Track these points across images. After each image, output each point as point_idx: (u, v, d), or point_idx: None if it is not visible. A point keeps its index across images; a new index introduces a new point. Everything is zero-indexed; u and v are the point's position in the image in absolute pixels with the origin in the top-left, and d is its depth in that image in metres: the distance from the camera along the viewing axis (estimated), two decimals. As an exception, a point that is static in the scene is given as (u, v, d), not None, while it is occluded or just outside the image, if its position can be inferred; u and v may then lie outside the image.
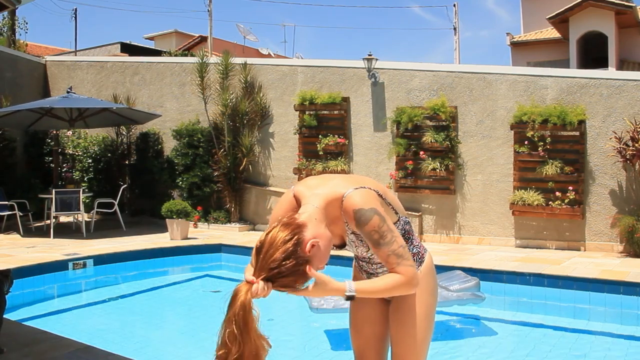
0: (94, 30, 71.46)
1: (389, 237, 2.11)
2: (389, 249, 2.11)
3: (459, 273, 5.81)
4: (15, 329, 4.35)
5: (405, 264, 2.13)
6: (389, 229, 2.12)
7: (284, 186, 11.07)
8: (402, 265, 2.12)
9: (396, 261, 2.11)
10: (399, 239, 2.14)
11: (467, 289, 5.48)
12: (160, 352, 5.02)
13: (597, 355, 4.93)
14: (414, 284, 2.15)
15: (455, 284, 5.49)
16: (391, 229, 2.13)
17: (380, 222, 2.10)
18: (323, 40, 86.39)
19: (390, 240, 2.11)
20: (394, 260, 2.11)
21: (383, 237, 2.10)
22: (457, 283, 5.52)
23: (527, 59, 20.89)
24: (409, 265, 2.14)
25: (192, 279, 8.12)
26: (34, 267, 6.93)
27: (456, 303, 5.46)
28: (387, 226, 2.12)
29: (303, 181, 2.30)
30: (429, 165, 9.61)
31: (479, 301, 5.54)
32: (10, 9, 5.83)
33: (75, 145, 12.28)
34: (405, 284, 2.13)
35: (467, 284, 5.53)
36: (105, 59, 14.59)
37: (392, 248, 2.11)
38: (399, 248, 2.12)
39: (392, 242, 2.11)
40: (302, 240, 2.00)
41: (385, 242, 2.11)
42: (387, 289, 2.13)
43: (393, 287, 2.12)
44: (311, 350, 4.94)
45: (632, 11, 18.76)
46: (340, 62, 10.93)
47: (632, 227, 8.08)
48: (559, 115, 8.73)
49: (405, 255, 2.14)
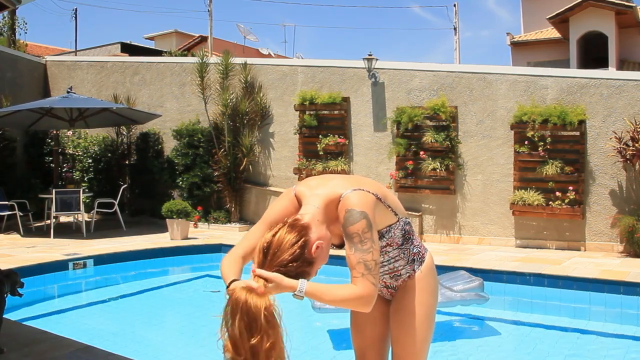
0: (94, 30, 71.45)
1: (368, 246, 2.05)
2: (362, 256, 2.04)
3: (463, 273, 5.78)
4: (16, 329, 4.35)
5: (368, 279, 2.02)
6: (371, 239, 2.06)
7: (284, 186, 11.07)
8: (365, 279, 2.02)
9: (362, 272, 2.03)
10: (375, 253, 2.06)
11: (471, 289, 5.44)
12: (160, 352, 5.02)
13: (598, 355, 4.93)
14: (369, 302, 2.03)
15: (459, 284, 5.45)
16: (374, 239, 2.07)
17: (365, 228, 2.06)
18: (323, 40, 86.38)
19: (367, 249, 2.05)
20: (360, 270, 2.03)
21: (362, 243, 2.05)
22: (461, 283, 5.48)
23: (527, 59, 20.88)
24: (372, 282, 2.03)
25: (192, 279, 8.12)
26: (34, 267, 6.93)
27: (460, 303, 5.44)
28: (371, 235, 2.06)
29: (304, 181, 2.30)
30: (429, 165, 9.61)
31: (483, 301, 5.51)
32: (10, 8, 5.83)
33: (76, 145, 12.28)
34: (359, 299, 2.02)
35: (471, 284, 5.50)
36: (105, 59, 14.59)
37: (365, 257, 2.04)
38: (371, 261, 2.04)
39: (368, 252, 2.05)
40: (309, 242, 2.01)
41: (361, 248, 2.04)
42: (339, 299, 2.02)
43: (347, 298, 2.02)
44: (312, 350, 4.94)
45: (632, 11, 18.75)
46: (340, 62, 10.93)
47: (632, 227, 8.08)
48: (559, 115, 8.73)
49: (374, 271, 2.04)
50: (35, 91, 13.08)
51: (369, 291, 2.02)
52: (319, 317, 5.58)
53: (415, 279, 2.39)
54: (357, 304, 2.04)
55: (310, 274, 2.05)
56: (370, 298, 2.03)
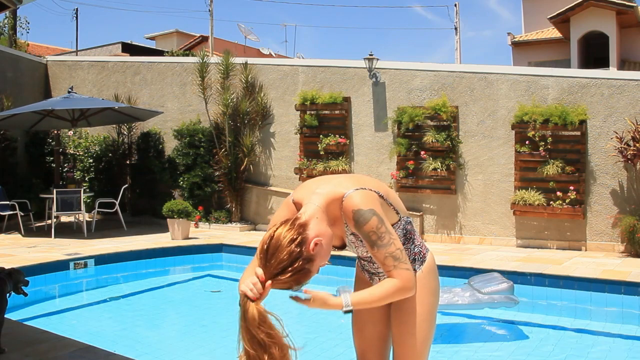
0: (95, 30, 71.52)
1: (387, 239, 2.10)
2: (386, 250, 2.10)
3: (497, 275, 5.68)
4: (17, 329, 4.35)
5: (401, 267, 2.10)
6: (387, 231, 2.11)
7: (285, 186, 11.07)
8: (399, 269, 2.10)
9: (393, 264, 2.10)
10: (396, 242, 2.12)
11: (500, 291, 5.33)
12: (161, 352, 5.02)
13: (598, 355, 4.93)
14: (410, 287, 2.13)
15: (490, 286, 5.38)
16: (389, 231, 2.12)
17: (378, 224, 2.09)
18: (324, 40, 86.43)
19: (388, 242, 2.10)
20: (390, 263, 2.10)
21: (381, 239, 2.09)
22: (491, 285, 5.40)
23: (528, 58, 20.89)
24: (406, 268, 2.11)
25: (193, 279, 8.12)
26: (35, 267, 6.93)
27: (488, 306, 5.37)
28: (385, 228, 2.11)
29: (301, 185, 2.32)
30: (430, 165, 9.61)
31: (512, 305, 5.39)
32: (11, 8, 5.83)
33: (77, 145, 12.28)
34: (402, 288, 2.11)
35: (500, 286, 5.38)
36: (106, 58, 14.59)
37: (390, 250, 2.10)
38: (397, 251, 2.11)
39: (390, 244, 2.10)
40: (306, 239, 2.03)
41: (382, 243, 2.09)
42: (384, 297, 2.12)
43: (390, 294, 2.11)
44: (313, 350, 4.94)
45: (633, 11, 18.74)
46: (341, 62, 10.93)
47: (633, 227, 8.07)
48: (560, 115, 8.73)
49: (403, 258, 2.11)
50: (36, 91, 13.09)
51: (407, 278, 2.11)
52: (318, 317, 5.59)
53: (417, 279, 2.39)
54: (402, 293, 2.13)
55: (312, 271, 2.06)
56: (411, 283, 2.13)
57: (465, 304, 5.30)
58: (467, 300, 5.30)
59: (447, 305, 5.31)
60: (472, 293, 5.33)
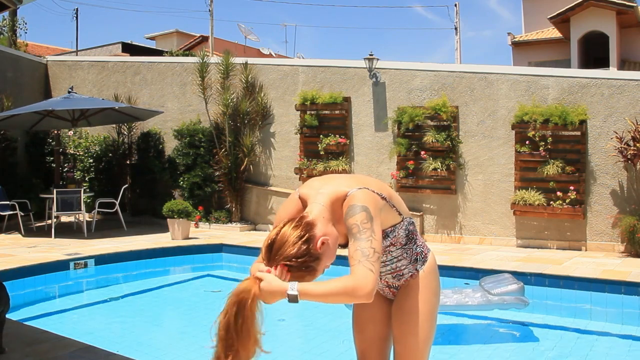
0: (95, 30, 71.53)
1: (367, 235, 2.00)
2: (360, 244, 1.97)
3: (508, 276, 5.66)
4: (17, 329, 4.35)
5: (365, 265, 1.93)
6: (370, 229, 2.02)
7: (285, 186, 11.07)
8: (362, 266, 1.92)
9: (359, 259, 1.94)
10: (375, 243, 2.00)
11: (510, 292, 5.30)
12: (161, 352, 5.02)
13: (598, 355, 4.93)
14: (365, 292, 1.89)
15: (500, 287, 5.35)
16: (374, 230, 2.02)
17: (365, 219, 2.03)
18: (324, 40, 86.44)
19: (365, 238, 1.99)
20: (357, 257, 1.95)
21: (360, 232, 2.01)
22: (502, 286, 5.38)
23: (528, 58, 20.89)
24: (369, 269, 1.92)
25: (193, 279, 8.12)
26: (35, 267, 6.93)
27: (497, 307, 5.35)
28: (371, 226, 2.03)
29: (307, 183, 2.31)
30: (430, 165, 9.61)
31: (523, 306, 5.35)
32: (11, 8, 5.83)
33: (77, 145, 12.28)
34: (353, 289, 1.89)
35: (510, 287, 5.34)
36: (106, 58, 14.59)
37: (363, 245, 1.97)
38: (370, 249, 1.97)
39: (367, 240, 1.99)
40: (314, 237, 2.03)
41: (360, 237, 1.99)
42: (329, 294, 1.91)
43: (336, 292, 1.90)
44: (313, 350, 4.94)
45: (633, 11, 18.75)
46: (341, 62, 10.93)
47: (634, 227, 8.07)
48: (560, 115, 8.73)
49: (372, 259, 1.95)
50: (36, 91, 13.09)
51: (366, 279, 1.90)
52: (319, 317, 5.59)
53: (418, 279, 2.39)
54: (354, 294, 1.90)
55: (317, 270, 2.05)
56: (369, 286, 1.89)
57: (476, 305, 5.30)
58: (477, 301, 5.29)
59: (458, 306, 5.29)
60: (482, 294, 5.32)
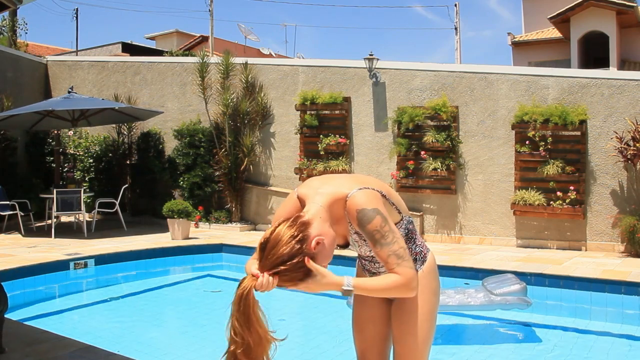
0: (95, 30, 71.54)
1: (390, 238, 2.10)
2: (390, 249, 2.10)
3: (511, 276, 5.66)
4: (17, 329, 4.35)
5: (405, 265, 2.10)
6: (390, 230, 2.11)
7: (285, 186, 11.07)
8: (402, 267, 2.10)
9: (396, 262, 2.10)
10: (400, 241, 2.13)
11: (513, 292, 5.29)
12: (161, 352, 5.02)
13: (598, 355, 4.93)
14: (412, 286, 2.12)
15: (503, 287, 5.35)
16: (393, 229, 2.12)
17: (382, 222, 2.10)
18: (324, 40, 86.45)
19: (392, 241, 2.10)
20: (393, 261, 2.10)
21: (384, 237, 2.10)
22: (504, 286, 5.37)
23: (528, 58, 20.89)
24: (409, 267, 2.11)
25: (193, 279, 8.12)
26: (35, 266, 6.93)
27: (500, 307, 5.35)
28: (389, 227, 2.11)
29: (306, 182, 2.31)
30: (430, 165, 9.61)
31: (525, 306, 5.34)
32: (11, 8, 5.84)
33: (77, 145, 12.28)
34: (404, 285, 2.10)
35: (513, 287, 5.33)
36: (106, 58, 14.59)
37: (393, 249, 2.10)
38: (400, 249, 2.11)
39: (393, 242, 2.10)
40: (308, 237, 2.03)
41: (386, 242, 2.10)
42: (385, 289, 2.12)
43: (391, 287, 2.11)
44: (313, 350, 4.94)
45: (633, 11, 18.75)
46: (341, 62, 10.93)
47: (634, 227, 8.07)
48: (560, 115, 8.73)
49: (406, 257, 2.12)
50: (36, 91, 13.09)
51: (410, 276, 2.10)
52: (319, 316, 5.58)
53: (418, 279, 2.39)
54: (403, 290, 2.12)
55: (312, 272, 2.04)
56: (413, 282, 2.12)
57: (478, 305, 5.29)
58: (480, 302, 5.29)
59: (460, 306, 5.29)
60: (485, 294, 5.31)
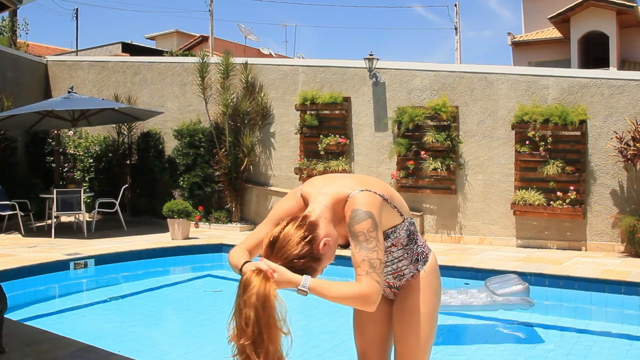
0: (95, 30, 71.53)
1: (373, 245, 2.04)
2: (367, 255, 2.02)
3: (513, 277, 5.66)
4: (17, 329, 4.35)
5: (373, 277, 2.00)
6: (376, 238, 2.06)
7: (285, 186, 11.07)
8: (369, 277, 2.00)
9: (367, 269, 2.01)
10: (380, 252, 2.05)
11: (516, 293, 5.28)
12: (161, 352, 5.02)
13: (598, 355, 4.93)
14: (372, 300, 1.99)
15: (505, 288, 5.34)
16: (379, 239, 2.07)
17: (371, 227, 2.06)
18: (324, 40, 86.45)
19: (372, 248, 2.04)
20: (365, 268, 2.01)
21: (367, 242, 2.04)
22: (507, 286, 5.36)
23: (528, 58, 20.89)
24: (376, 280, 2.00)
25: (193, 279, 8.12)
26: (35, 266, 6.93)
27: (503, 307, 5.34)
28: (377, 234, 2.06)
29: (309, 181, 2.31)
30: (430, 165, 9.61)
31: (528, 306, 5.33)
32: (11, 8, 5.83)
33: (77, 145, 12.28)
34: (363, 296, 1.98)
35: (515, 287, 5.32)
36: (106, 58, 14.59)
37: (370, 256, 2.02)
38: (376, 260, 2.02)
39: (374, 250, 2.03)
40: (317, 238, 2.02)
41: (367, 246, 2.03)
42: (342, 297, 1.99)
43: (349, 296, 1.99)
44: (313, 350, 4.94)
45: (633, 11, 18.75)
46: (341, 62, 10.93)
47: (634, 227, 8.07)
48: (560, 115, 8.73)
49: (378, 269, 2.02)
50: (36, 91, 13.08)
51: (373, 289, 1.99)
52: (319, 316, 5.58)
53: (419, 279, 2.39)
54: (360, 302, 2.00)
55: (317, 271, 2.05)
56: (374, 296, 1.99)
57: (481, 305, 5.29)
58: (482, 302, 5.29)
59: (463, 307, 5.29)
60: (488, 294, 5.31)
